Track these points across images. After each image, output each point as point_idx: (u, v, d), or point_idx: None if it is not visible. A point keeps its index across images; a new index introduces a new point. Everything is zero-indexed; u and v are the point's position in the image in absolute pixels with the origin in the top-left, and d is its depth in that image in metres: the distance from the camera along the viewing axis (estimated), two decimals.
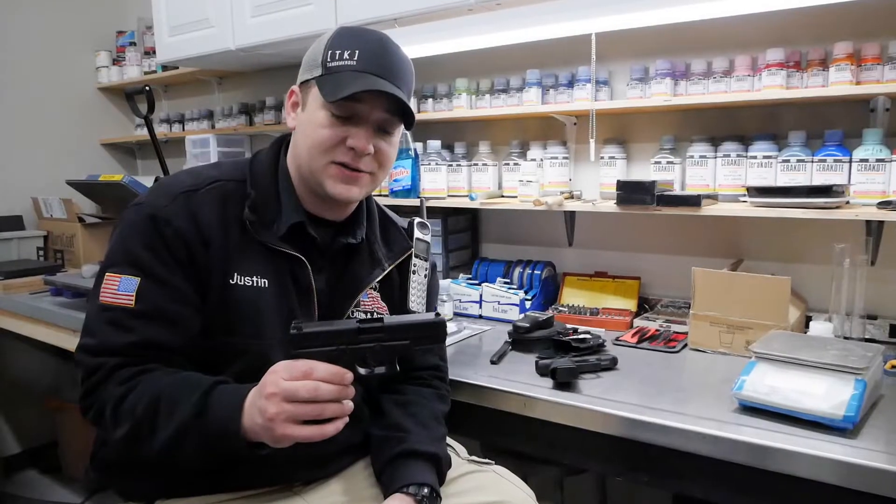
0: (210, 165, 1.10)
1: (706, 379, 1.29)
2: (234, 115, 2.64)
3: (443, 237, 1.97)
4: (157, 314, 0.93)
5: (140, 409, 0.88)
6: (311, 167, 1.00)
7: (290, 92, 1.05)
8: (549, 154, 1.83)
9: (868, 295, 1.42)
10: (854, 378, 1.04)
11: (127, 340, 0.92)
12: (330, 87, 0.96)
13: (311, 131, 0.99)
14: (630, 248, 1.86)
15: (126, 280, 0.93)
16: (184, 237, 0.95)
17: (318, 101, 0.98)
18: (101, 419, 0.92)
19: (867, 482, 0.93)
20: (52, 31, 2.95)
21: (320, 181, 1.00)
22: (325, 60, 0.98)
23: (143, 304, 0.93)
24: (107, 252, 0.99)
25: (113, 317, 0.92)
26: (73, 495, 2.62)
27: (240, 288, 0.98)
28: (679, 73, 1.63)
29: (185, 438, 0.86)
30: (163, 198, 0.97)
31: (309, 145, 0.99)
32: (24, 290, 2.26)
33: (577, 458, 1.25)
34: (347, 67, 0.97)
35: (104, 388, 0.91)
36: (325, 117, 0.98)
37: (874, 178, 1.38)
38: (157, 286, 0.94)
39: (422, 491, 0.96)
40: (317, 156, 0.99)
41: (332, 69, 0.98)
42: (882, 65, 1.39)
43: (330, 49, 0.99)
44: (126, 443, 0.90)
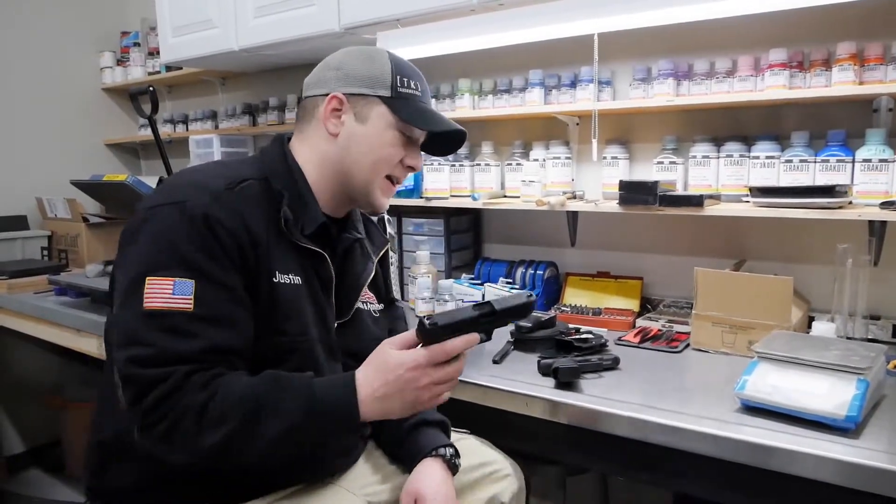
0: (220, 163, 1.07)
1: (708, 379, 1.29)
2: (237, 116, 2.65)
3: (445, 237, 1.97)
4: (218, 317, 0.90)
5: (239, 413, 0.85)
6: (369, 178, 1.06)
7: (333, 97, 1.04)
8: (552, 154, 1.83)
9: (871, 295, 1.42)
10: (856, 378, 1.04)
11: (195, 346, 0.87)
12: (415, 115, 1.05)
13: (378, 147, 1.05)
14: (633, 248, 1.86)
15: (181, 283, 0.88)
16: (236, 237, 0.93)
17: (387, 121, 1.05)
18: (178, 430, 0.85)
19: (869, 482, 0.93)
20: (57, 32, 2.96)
21: (370, 191, 1.07)
22: (395, 84, 1.05)
23: (202, 307, 0.88)
24: (137, 257, 0.91)
25: (170, 323, 0.87)
26: (76, 494, 2.63)
27: (282, 287, 0.98)
28: (682, 73, 1.63)
29: (295, 436, 0.87)
30: (203, 196, 0.92)
31: (374, 160, 1.05)
32: (28, 290, 2.27)
33: (579, 457, 1.26)
34: (416, 98, 1.07)
35: (180, 397, 0.85)
36: (396, 137, 1.06)
37: (877, 179, 1.38)
38: (215, 288, 0.90)
39: (448, 451, 1.09)
40: (380, 170, 1.06)
41: (403, 95, 1.05)
42: (885, 65, 1.39)
43: (398, 75, 1.06)
44: (218, 449, 0.85)
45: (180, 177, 1.01)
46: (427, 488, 1.02)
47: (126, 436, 0.90)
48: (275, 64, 2.44)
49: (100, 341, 1.91)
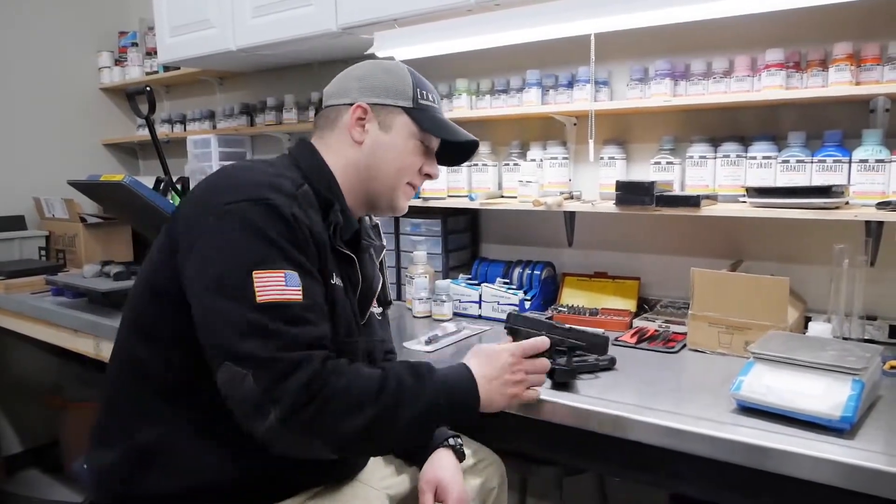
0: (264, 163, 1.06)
1: (704, 379, 1.29)
2: (235, 116, 2.65)
3: (442, 237, 1.97)
4: (319, 309, 0.94)
5: (382, 397, 0.91)
6: (393, 185, 1.12)
7: (358, 107, 1.09)
8: (549, 154, 1.83)
9: (867, 296, 1.42)
10: (852, 378, 1.04)
11: (317, 333, 0.91)
12: (436, 126, 1.12)
13: (403, 155, 1.12)
14: (630, 248, 1.86)
15: (290, 275, 0.90)
16: (313, 237, 0.97)
17: (410, 130, 1.11)
18: (325, 413, 0.87)
19: (864, 483, 0.92)
20: (55, 32, 2.96)
21: (394, 197, 1.14)
22: (415, 96, 1.12)
23: (308, 299, 0.91)
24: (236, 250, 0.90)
25: (290, 313, 0.88)
26: (74, 494, 2.63)
27: (336, 289, 1.03)
28: (679, 73, 1.63)
29: (429, 421, 0.98)
30: (283, 196, 0.94)
31: (398, 167, 1.12)
32: (25, 290, 2.27)
33: (575, 457, 1.26)
34: (434, 109, 1.15)
35: (325, 380, 0.88)
36: (417, 147, 1.13)
37: (874, 179, 1.38)
38: (312, 281, 0.94)
39: (457, 442, 1.18)
40: (403, 177, 1.13)
41: (422, 106, 1.12)
42: (882, 65, 1.38)
43: (417, 87, 1.13)
44: (360, 432, 0.90)
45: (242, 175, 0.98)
46: (446, 476, 1.11)
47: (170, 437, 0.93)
48: (272, 64, 2.44)
49: (97, 341, 1.91)
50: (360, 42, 1.89)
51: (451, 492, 1.10)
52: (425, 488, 1.11)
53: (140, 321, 1.01)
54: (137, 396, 0.99)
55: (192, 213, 0.96)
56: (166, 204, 2.03)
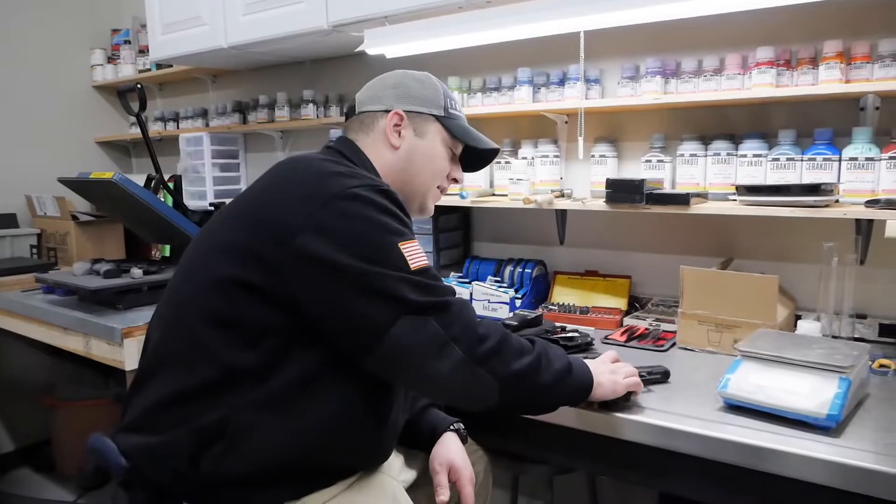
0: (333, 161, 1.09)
1: (693, 378, 1.28)
2: (227, 114, 2.64)
3: (434, 235, 1.97)
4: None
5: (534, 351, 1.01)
6: (426, 187, 1.20)
7: (395, 114, 1.16)
8: (541, 152, 1.82)
9: (858, 294, 1.42)
10: (838, 377, 1.04)
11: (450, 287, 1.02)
12: (466, 134, 1.21)
13: (436, 160, 1.19)
14: (621, 246, 1.85)
15: (418, 245, 1.01)
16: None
17: (442, 137, 1.19)
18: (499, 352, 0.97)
19: (850, 481, 0.92)
20: (48, 29, 2.95)
21: (426, 199, 1.21)
22: (446, 106, 1.20)
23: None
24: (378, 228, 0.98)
25: (432, 273, 0.99)
26: (66, 493, 2.62)
27: None
28: (669, 71, 1.63)
29: (563, 384, 1.04)
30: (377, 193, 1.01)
31: (433, 171, 1.19)
32: (16, 288, 2.26)
33: (564, 456, 1.25)
34: (462, 119, 1.23)
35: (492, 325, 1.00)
36: (448, 154, 1.20)
37: (863, 177, 1.38)
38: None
39: (461, 426, 1.25)
40: (435, 180, 1.21)
41: (452, 115, 1.20)
42: (871, 63, 1.38)
43: (446, 97, 1.20)
44: (522, 374, 0.98)
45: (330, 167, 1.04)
46: (457, 458, 1.18)
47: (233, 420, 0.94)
48: (265, 62, 2.44)
49: (87, 339, 1.90)
50: (351, 40, 1.89)
51: (463, 472, 1.17)
52: (439, 469, 1.17)
53: (218, 314, 0.98)
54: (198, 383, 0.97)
55: (303, 207, 0.97)
56: (157, 201, 2.02)
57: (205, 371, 0.97)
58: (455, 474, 1.17)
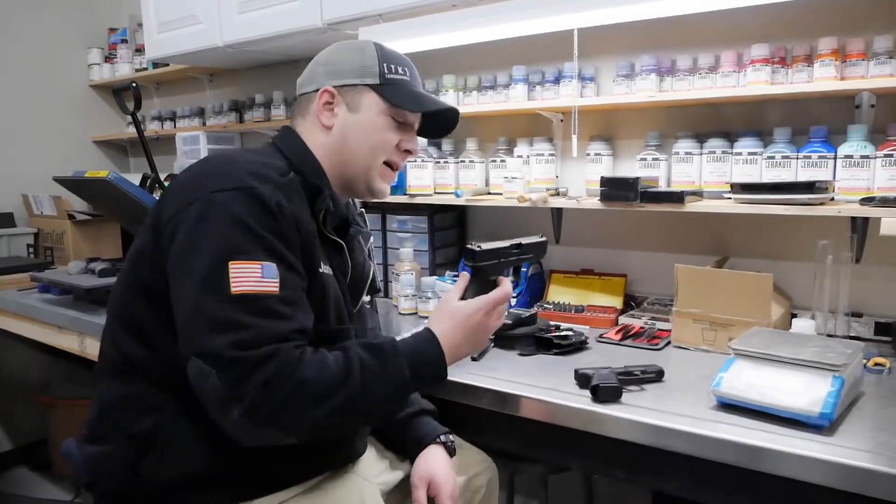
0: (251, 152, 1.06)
1: (686, 376, 1.28)
2: (224, 113, 2.64)
3: (429, 234, 1.96)
4: (298, 300, 0.92)
5: (350, 383, 0.90)
6: (367, 165, 1.09)
7: (324, 91, 1.08)
8: (536, 151, 1.82)
9: (853, 292, 1.41)
10: (832, 375, 1.03)
11: (291, 327, 0.88)
12: (404, 98, 1.08)
13: (373, 134, 1.08)
14: (616, 245, 1.85)
15: (268, 266, 0.88)
16: (297, 226, 0.95)
17: (379, 107, 1.08)
18: (290, 406, 0.86)
19: (843, 480, 0.92)
20: (45, 28, 2.95)
21: (370, 178, 1.11)
22: (382, 72, 1.08)
23: (286, 290, 0.90)
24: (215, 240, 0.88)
25: (264, 306, 0.87)
26: (62, 493, 2.62)
27: (325, 277, 1.03)
28: (664, 69, 1.62)
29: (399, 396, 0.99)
30: (269, 184, 0.94)
31: (372, 146, 1.09)
32: (12, 287, 2.26)
33: (557, 455, 1.25)
34: (405, 82, 1.10)
35: (291, 373, 0.85)
36: (388, 123, 1.09)
37: (858, 175, 1.37)
38: (292, 273, 0.92)
39: (449, 438, 1.20)
40: (377, 156, 1.09)
41: (391, 80, 1.09)
42: (867, 60, 1.37)
43: (384, 62, 1.09)
44: (328, 420, 0.89)
45: (229, 163, 0.97)
46: (438, 472, 1.13)
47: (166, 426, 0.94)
48: (260, 61, 2.43)
49: (81, 338, 1.90)
50: (346, 38, 1.88)
51: (443, 488, 1.11)
52: (418, 484, 1.12)
53: (128, 317, 0.99)
54: (130, 391, 0.98)
55: (177, 200, 0.93)
56: (152, 200, 2.02)
57: (130, 379, 0.98)
58: (435, 490, 1.12)
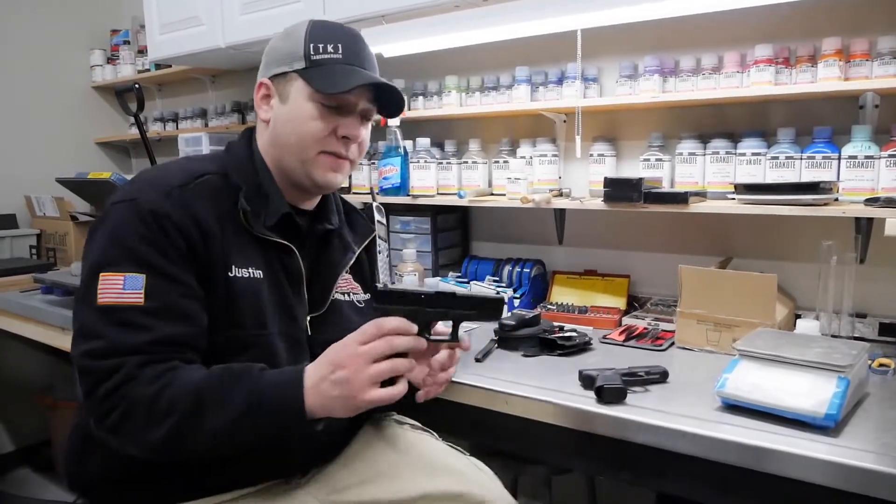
0: (186, 159, 1.10)
1: (691, 377, 1.27)
2: (226, 114, 2.64)
3: (432, 235, 1.96)
4: (168, 310, 0.90)
5: (183, 406, 0.85)
6: (301, 157, 1.02)
7: (260, 85, 1.05)
8: (539, 152, 1.81)
9: (857, 293, 1.41)
10: (837, 376, 1.03)
11: (145, 339, 0.88)
12: (325, 80, 0.98)
13: (301, 123, 1.01)
14: (620, 246, 1.85)
15: (131, 278, 0.89)
16: (184, 232, 0.93)
17: (305, 93, 1.00)
18: (128, 422, 0.86)
19: (848, 481, 0.91)
20: (47, 30, 2.95)
21: (309, 171, 1.03)
22: (307, 53, 1.00)
23: (153, 300, 0.90)
24: (93, 253, 0.93)
25: (121, 317, 0.88)
26: (65, 493, 2.61)
27: (240, 280, 0.98)
28: (668, 69, 1.62)
29: (240, 429, 0.86)
30: (155, 193, 0.94)
31: (300, 136, 1.01)
32: (14, 289, 2.26)
33: (561, 456, 1.25)
34: (334, 60, 1.00)
35: (130, 388, 0.85)
36: (315, 109, 1.00)
37: (863, 175, 1.37)
38: (166, 282, 0.91)
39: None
40: (309, 146, 1.01)
41: (317, 62, 1.00)
42: (871, 61, 1.37)
43: (311, 42, 1.01)
44: (166, 442, 0.86)
45: (143, 174, 1.02)
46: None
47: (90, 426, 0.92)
48: None
49: None
50: None
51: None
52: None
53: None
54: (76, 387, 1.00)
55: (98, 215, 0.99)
56: None
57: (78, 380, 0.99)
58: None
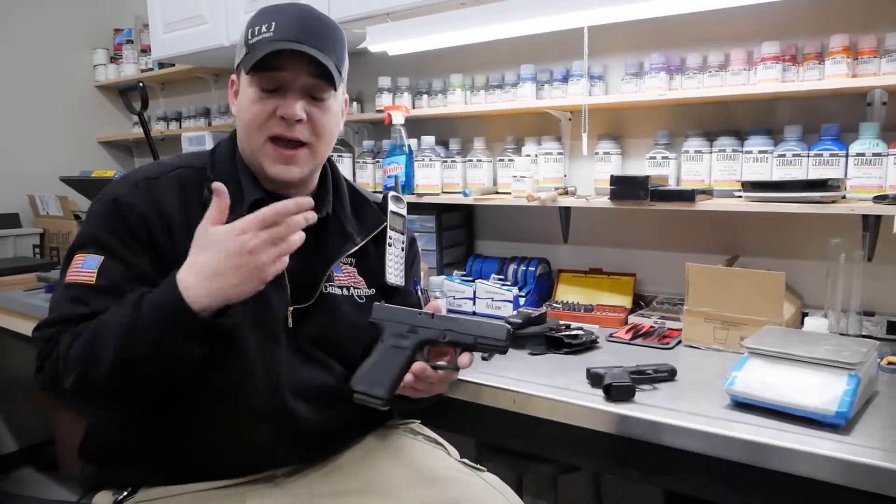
0: (174, 156, 1.11)
1: (699, 375, 1.27)
2: (229, 113, 2.62)
3: (437, 234, 1.96)
4: (114, 290, 0.94)
5: (83, 345, 0.89)
6: (252, 148, 1.01)
7: (231, 82, 1.07)
8: (544, 150, 1.81)
9: (865, 291, 1.40)
10: (847, 373, 1.02)
11: (83, 311, 0.93)
12: (249, 58, 0.97)
13: (245, 110, 1.00)
14: (625, 244, 1.84)
15: (90, 259, 0.96)
16: (146, 221, 0.98)
17: (246, 80, 1.00)
18: (56, 380, 0.90)
19: (859, 479, 0.91)
20: (50, 29, 2.95)
21: (260, 162, 1.01)
22: (246, 40, 1.00)
23: (103, 280, 0.95)
24: (74, 238, 1.01)
25: (75, 293, 0.95)
26: (68, 493, 2.61)
27: None
28: (674, 67, 1.62)
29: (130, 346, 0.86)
30: (125, 185, 1.01)
31: (245, 124, 1.00)
32: (18, 287, 2.25)
33: (569, 454, 1.24)
34: (265, 40, 0.97)
35: (56, 350, 0.91)
36: (254, 93, 0.99)
37: (870, 173, 1.36)
38: (119, 265, 0.96)
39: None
40: (253, 133, 1.00)
41: (252, 45, 0.98)
42: (879, 58, 1.37)
43: (249, 28, 1.00)
44: (77, 384, 0.88)
45: (131, 171, 1.09)
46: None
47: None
48: None
49: None
50: (353, 37, 1.87)
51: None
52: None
53: None
54: None
55: None
56: None
57: None
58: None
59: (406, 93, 2.02)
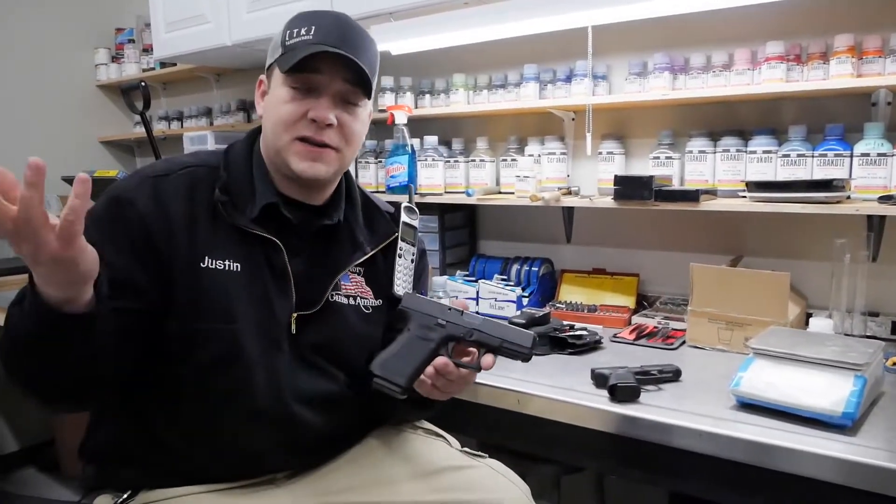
0: (188, 154, 1.10)
1: (703, 376, 1.27)
2: (231, 112, 2.63)
3: (440, 234, 1.95)
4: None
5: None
6: (277, 146, 1.00)
7: (259, 81, 1.06)
8: (547, 150, 1.81)
9: (870, 291, 1.40)
10: (854, 374, 1.02)
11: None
12: (287, 59, 0.98)
13: (275, 109, 1.00)
14: (629, 244, 1.84)
15: None
16: (145, 220, 0.94)
17: (279, 79, 1.00)
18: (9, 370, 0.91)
19: (866, 480, 0.91)
20: (52, 29, 2.94)
21: (285, 159, 1.00)
22: (283, 41, 1.00)
23: None
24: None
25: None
26: (70, 493, 2.61)
27: (210, 272, 0.96)
28: (678, 67, 1.61)
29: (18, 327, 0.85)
30: (131, 181, 0.99)
31: (273, 122, 1.00)
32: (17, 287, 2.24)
33: (573, 455, 1.24)
34: (304, 42, 0.98)
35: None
36: (287, 93, 0.99)
37: (875, 173, 1.36)
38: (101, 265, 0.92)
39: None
40: (281, 132, 0.99)
41: (290, 47, 0.99)
42: (883, 57, 1.37)
43: (288, 29, 1.01)
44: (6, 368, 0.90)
45: (145, 166, 1.05)
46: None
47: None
48: None
49: None
50: None
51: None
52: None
53: None
54: None
55: None
56: None
57: None
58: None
59: (409, 92, 2.02)
